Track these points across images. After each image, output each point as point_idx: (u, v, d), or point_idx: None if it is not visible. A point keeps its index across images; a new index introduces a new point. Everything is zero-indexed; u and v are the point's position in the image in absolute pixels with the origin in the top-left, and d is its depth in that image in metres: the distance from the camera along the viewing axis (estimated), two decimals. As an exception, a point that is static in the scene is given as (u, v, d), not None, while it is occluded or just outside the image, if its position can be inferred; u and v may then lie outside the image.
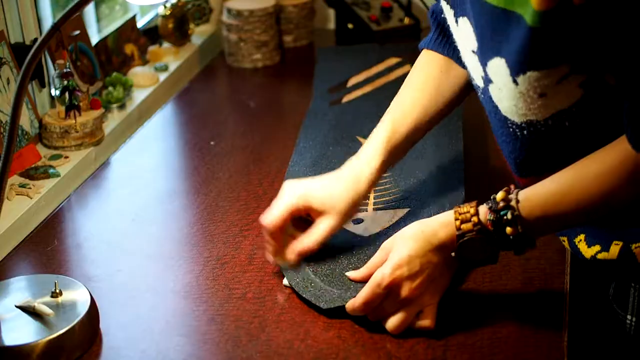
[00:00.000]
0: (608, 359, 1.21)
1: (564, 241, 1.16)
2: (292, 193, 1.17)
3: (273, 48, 1.94)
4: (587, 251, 1.13)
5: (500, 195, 1.01)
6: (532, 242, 1.02)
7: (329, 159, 1.42)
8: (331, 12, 2.14)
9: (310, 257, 1.16)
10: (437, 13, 1.21)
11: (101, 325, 1.09)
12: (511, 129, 1.06)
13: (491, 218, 1.01)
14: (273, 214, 1.15)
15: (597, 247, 1.11)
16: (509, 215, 1.00)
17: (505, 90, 1.02)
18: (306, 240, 1.15)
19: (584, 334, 1.19)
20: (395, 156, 1.21)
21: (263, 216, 1.16)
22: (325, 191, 1.16)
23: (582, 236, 1.13)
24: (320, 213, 1.16)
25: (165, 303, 1.15)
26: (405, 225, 1.10)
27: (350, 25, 2.02)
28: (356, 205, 1.17)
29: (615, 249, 1.10)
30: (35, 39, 1.52)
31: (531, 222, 1.00)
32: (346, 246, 1.19)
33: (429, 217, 1.16)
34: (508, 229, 1.00)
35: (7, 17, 1.48)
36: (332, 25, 2.15)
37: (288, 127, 1.62)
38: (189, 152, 1.57)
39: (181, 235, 1.30)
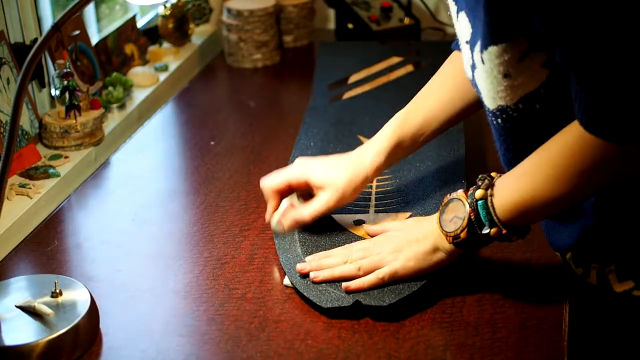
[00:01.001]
0: (608, 359, 1.21)
1: (557, 255, 1.17)
2: (296, 165, 1.24)
3: (273, 48, 1.94)
4: (576, 270, 1.14)
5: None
6: (522, 233, 1.06)
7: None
8: (331, 12, 2.14)
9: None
10: None
11: (101, 325, 1.09)
12: (490, 118, 1.07)
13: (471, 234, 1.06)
14: (270, 178, 1.23)
15: (581, 270, 1.13)
16: (492, 231, 1.05)
17: (479, 72, 1.03)
18: (302, 210, 1.19)
19: (584, 334, 1.19)
20: (405, 147, 1.22)
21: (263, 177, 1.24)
22: (327, 168, 1.21)
23: (569, 254, 1.14)
24: (319, 189, 1.20)
25: (165, 303, 1.15)
26: None
27: (350, 25, 2.02)
28: (355, 186, 1.20)
29: (593, 273, 1.11)
30: (35, 39, 1.52)
31: (510, 221, 1.04)
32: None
33: None
34: (492, 232, 1.05)
35: (7, 17, 1.48)
36: (332, 25, 2.15)
37: (288, 127, 1.62)
38: (189, 152, 1.58)
39: (181, 235, 1.30)
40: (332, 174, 1.20)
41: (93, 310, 1.08)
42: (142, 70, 1.79)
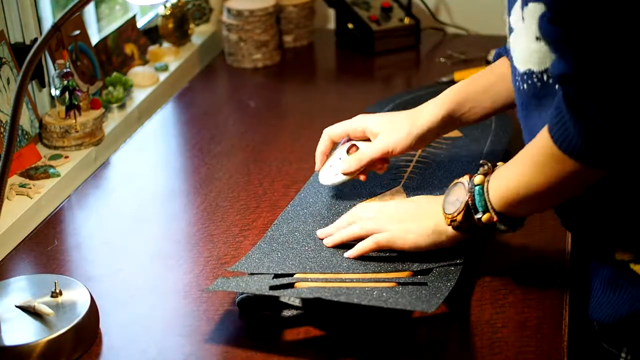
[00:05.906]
0: (608, 359, 1.21)
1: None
2: (356, 118, 1.30)
3: (273, 48, 1.94)
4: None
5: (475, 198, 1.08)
6: (513, 225, 1.08)
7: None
8: (331, 12, 2.14)
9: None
10: None
11: (101, 325, 1.09)
12: (517, 84, 1.08)
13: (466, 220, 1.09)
14: (333, 127, 1.30)
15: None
16: (485, 217, 1.07)
17: (515, 35, 1.05)
18: (359, 152, 1.27)
19: (584, 334, 1.19)
20: (452, 119, 1.27)
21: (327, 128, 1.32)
22: (384, 120, 1.28)
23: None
24: (375, 135, 1.27)
25: (165, 303, 1.15)
26: None
27: (350, 25, 2.02)
28: (409, 138, 1.25)
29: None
30: (35, 39, 1.52)
31: (503, 208, 1.06)
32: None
33: None
34: (484, 218, 1.07)
35: (7, 17, 1.48)
36: (332, 25, 2.15)
37: (288, 127, 1.62)
38: (189, 152, 1.58)
39: (181, 235, 1.30)
40: (389, 125, 1.26)
41: (93, 310, 1.08)
42: (142, 70, 1.79)
